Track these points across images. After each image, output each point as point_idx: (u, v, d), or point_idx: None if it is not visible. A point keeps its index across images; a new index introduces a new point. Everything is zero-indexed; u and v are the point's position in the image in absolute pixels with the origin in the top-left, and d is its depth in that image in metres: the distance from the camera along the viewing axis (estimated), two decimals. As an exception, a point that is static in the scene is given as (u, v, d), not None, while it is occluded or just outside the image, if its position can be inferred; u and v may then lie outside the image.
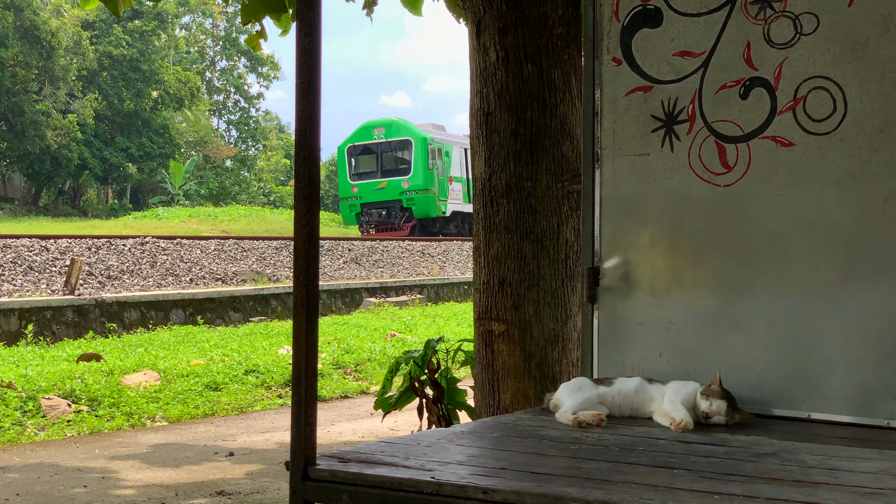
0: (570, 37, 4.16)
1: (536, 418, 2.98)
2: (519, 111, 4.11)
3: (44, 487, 6.17)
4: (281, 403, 9.63)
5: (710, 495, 2.01)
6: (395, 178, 33.97)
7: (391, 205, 33.91)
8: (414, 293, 20.78)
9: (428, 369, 5.02)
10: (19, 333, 13.18)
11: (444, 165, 34.67)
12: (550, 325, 4.04)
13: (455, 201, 35.23)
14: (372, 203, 34.13)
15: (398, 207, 33.79)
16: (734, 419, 2.85)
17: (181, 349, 12.28)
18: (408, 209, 33.75)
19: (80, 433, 8.08)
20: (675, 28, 3.20)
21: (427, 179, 33.73)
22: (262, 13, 6.06)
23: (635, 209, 3.27)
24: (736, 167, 3.10)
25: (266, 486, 6.18)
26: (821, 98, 2.98)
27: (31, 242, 17.15)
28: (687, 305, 3.17)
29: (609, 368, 3.27)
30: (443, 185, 34.49)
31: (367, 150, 34.81)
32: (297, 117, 2.33)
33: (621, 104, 3.29)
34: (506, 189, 4.11)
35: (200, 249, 19.95)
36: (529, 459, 2.40)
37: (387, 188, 34.02)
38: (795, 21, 3.01)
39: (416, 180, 33.70)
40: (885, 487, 2.09)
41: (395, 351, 11.97)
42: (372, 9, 7.05)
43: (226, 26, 62.09)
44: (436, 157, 34.22)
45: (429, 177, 33.76)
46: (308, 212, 2.31)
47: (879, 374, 2.89)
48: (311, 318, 2.32)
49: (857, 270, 2.93)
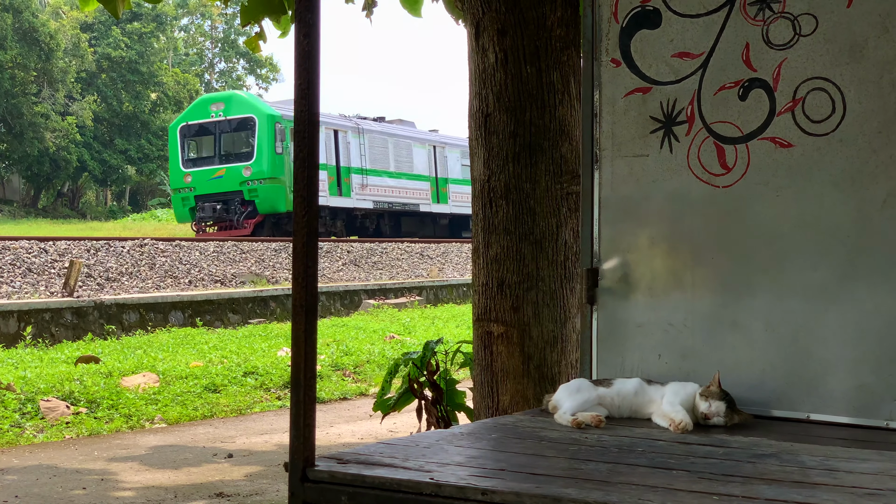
0: (568, 38, 4.16)
1: (535, 419, 2.98)
2: (518, 112, 4.11)
3: (42, 489, 6.16)
4: (280, 405, 9.62)
5: (710, 496, 2.01)
6: (235, 165, 27.81)
7: (230, 197, 27.74)
8: (413, 295, 20.77)
9: (427, 371, 5.02)
10: (18, 335, 13.17)
11: None
12: (549, 327, 4.04)
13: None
14: (208, 195, 27.92)
15: (238, 200, 27.63)
16: (733, 420, 2.85)
17: (180, 351, 12.27)
18: (250, 203, 27.62)
19: (79, 435, 8.07)
20: (674, 29, 3.20)
21: (274, 166, 27.59)
22: (262, 15, 6.06)
23: (634, 210, 3.27)
24: (735, 168, 3.10)
25: (265, 487, 6.18)
26: (820, 99, 2.98)
27: (30, 244, 17.14)
28: (686, 306, 3.17)
29: (608, 370, 3.27)
30: None
31: (204, 130, 28.58)
32: (296, 118, 2.34)
33: (620, 105, 3.29)
34: (504, 190, 4.11)
35: (199, 251, 19.95)
36: (528, 460, 2.40)
37: (225, 177, 27.80)
38: (794, 22, 3.02)
39: (260, 167, 27.50)
40: (884, 488, 2.09)
41: (394, 352, 11.96)
42: (371, 10, 7.05)
43: (224, 28, 62.13)
44: (291, 138, 27.05)
45: (277, 163, 27.64)
46: (307, 213, 2.31)
47: (878, 375, 2.89)
48: (310, 320, 2.32)
49: (856, 271, 2.93)
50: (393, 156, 32.44)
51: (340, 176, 29.90)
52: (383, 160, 31.95)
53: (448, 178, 34.82)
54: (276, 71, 64.44)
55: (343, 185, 30.03)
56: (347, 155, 30.24)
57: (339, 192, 29.78)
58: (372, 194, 31.33)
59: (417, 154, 33.86)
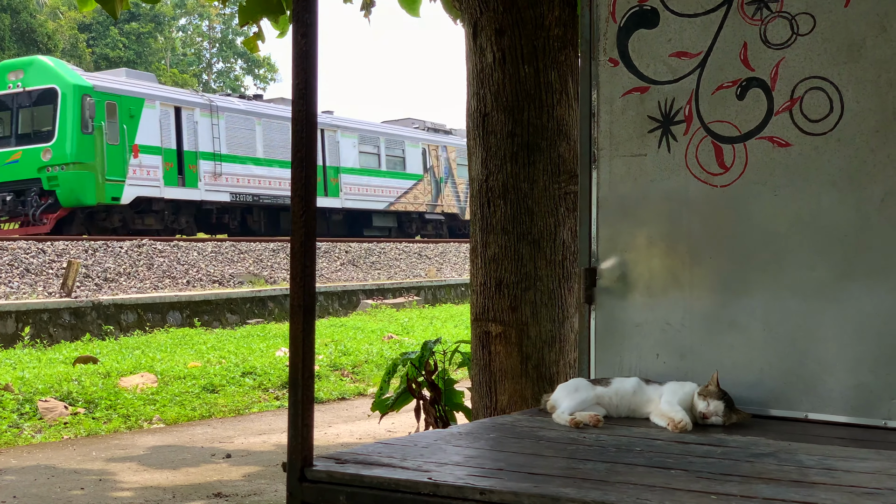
0: (566, 38, 4.16)
1: (534, 419, 2.98)
2: (516, 112, 4.11)
3: (41, 490, 6.16)
4: (278, 405, 9.62)
5: (708, 495, 2.01)
6: (33, 147, 22.54)
7: (26, 186, 22.41)
8: (411, 295, 20.77)
9: (425, 371, 5.02)
10: (16, 336, 13.17)
11: (122, 129, 23.14)
12: (547, 326, 4.04)
13: (144, 182, 23.67)
14: (0, 184, 22.80)
15: (35, 191, 22.34)
16: (731, 419, 2.85)
17: (178, 351, 12.27)
18: (50, 193, 22.30)
19: (77, 435, 8.07)
20: (672, 29, 3.20)
21: (81, 149, 22.27)
22: (260, 15, 6.06)
23: (632, 210, 3.27)
24: (733, 168, 3.10)
25: (263, 487, 6.18)
26: (817, 98, 2.98)
27: (28, 244, 17.13)
28: (684, 306, 3.17)
29: (606, 369, 3.27)
30: (115, 157, 22.93)
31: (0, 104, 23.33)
32: (294, 118, 2.33)
33: (618, 105, 3.29)
34: (502, 190, 4.11)
35: (197, 251, 19.94)
36: (527, 460, 2.40)
37: (21, 162, 22.65)
38: (792, 21, 3.02)
39: (62, 150, 22.21)
40: (883, 487, 2.09)
41: (393, 352, 11.97)
42: (370, 10, 7.05)
43: (222, 28, 62.10)
44: (107, 116, 22.92)
45: (85, 145, 22.34)
46: (305, 213, 2.31)
47: (876, 375, 2.89)
48: (308, 320, 2.32)
49: (854, 271, 2.93)
50: (263, 140, 27.47)
51: (184, 162, 24.77)
52: (248, 145, 27.03)
53: (340, 168, 29.73)
54: (274, 71, 64.45)
55: (187, 173, 24.94)
56: (194, 137, 25.14)
57: (182, 181, 24.72)
58: (229, 185, 26.22)
59: None
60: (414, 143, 33.38)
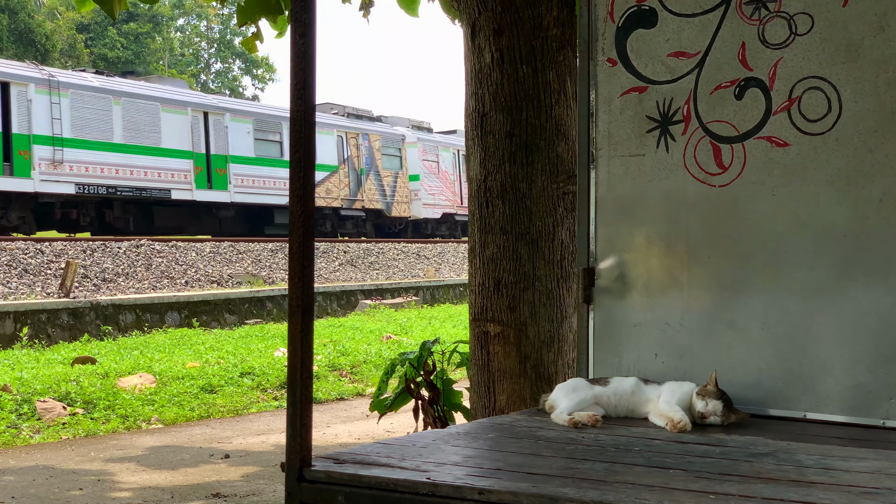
0: (564, 38, 4.16)
1: (532, 419, 2.98)
2: (514, 112, 4.11)
3: (39, 490, 6.15)
4: (276, 405, 9.62)
5: (707, 495, 2.01)
6: None
7: None
8: (409, 295, 20.78)
9: (424, 371, 5.02)
10: (14, 336, 13.16)
11: None
12: (546, 326, 4.04)
13: None
14: None
15: None
16: (730, 419, 2.85)
17: (176, 352, 12.26)
18: None
19: (76, 436, 8.06)
20: (670, 28, 3.20)
21: None
22: (258, 15, 6.06)
23: (630, 210, 3.27)
24: (731, 167, 3.10)
25: (262, 487, 6.17)
26: (816, 98, 2.98)
27: (26, 245, 17.13)
28: (682, 306, 3.17)
29: (605, 369, 3.27)
30: None
31: None
32: (292, 118, 2.33)
33: (616, 105, 3.29)
34: (501, 190, 4.11)
35: (196, 252, 19.94)
36: (525, 460, 2.40)
37: None
38: (790, 21, 3.02)
39: None
40: (881, 487, 2.09)
41: (391, 353, 11.97)
42: (369, 10, 7.05)
43: (220, 29, 62.07)
44: None
45: None
46: (303, 213, 2.31)
47: (875, 374, 2.89)
48: (306, 320, 2.32)
49: (852, 270, 2.93)
50: (122, 123, 23.77)
51: (11, 147, 21.45)
52: (101, 128, 23.37)
53: (228, 156, 26.24)
54: (272, 71, 64.42)
55: (16, 160, 21.54)
56: (26, 119, 21.67)
57: (9, 170, 21.43)
58: (75, 174, 22.68)
59: (172, 122, 24.95)
60: (327, 130, 29.35)
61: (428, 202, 33.35)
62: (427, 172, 33.44)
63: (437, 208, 33.96)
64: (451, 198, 34.40)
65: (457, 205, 34.33)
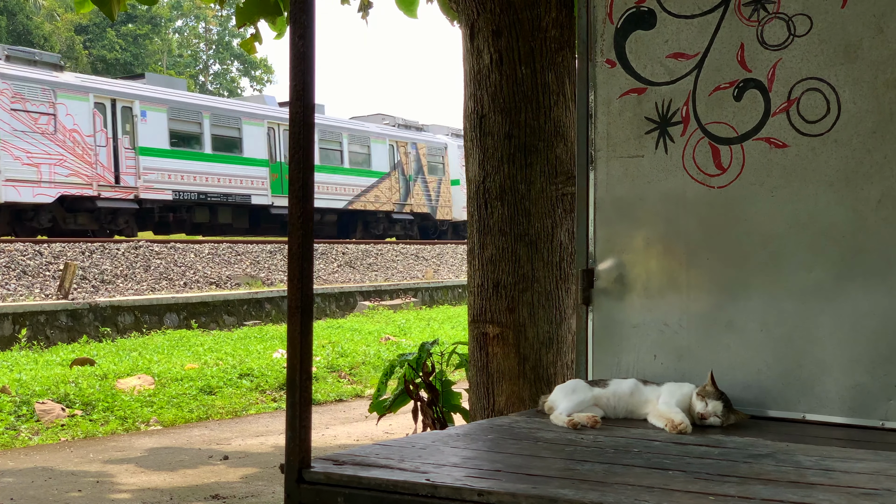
0: (563, 39, 4.16)
1: (531, 420, 2.98)
2: (513, 114, 4.11)
3: (38, 492, 6.15)
4: (275, 407, 9.61)
5: (706, 496, 2.01)
6: None
7: None
8: (408, 296, 20.77)
9: (422, 372, 5.02)
10: (13, 338, 13.16)
11: None
12: (545, 328, 4.04)
13: None
14: None
15: None
16: (729, 420, 2.85)
17: (175, 353, 12.25)
18: None
19: (75, 437, 8.06)
20: (669, 30, 3.20)
21: None
22: (257, 16, 6.06)
23: (629, 211, 3.28)
24: (730, 169, 3.10)
25: (261, 489, 6.17)
26: (814, 99, 2.98)
27: (25, 247, 17.12)
28: (681, 307, 3.17)
29: (604, 370, 3.27)
30: None
31: None
32: (291, 120, 2.33)
33: (615, 106, 3.30)
34: (500, 191, 4.11)
35: (194, 253, 19.93)
36: (524, 461, 2.40)
37: None
38: (789, 22, 3.02)
39: None
40: (880, 488, 2.09)
41: (390, 354, 11.96)
42: (367, 11, 7.05)
43: (219, 30, 62.06)
44: None
45: None
46: (302, 214, 2.31)
47: (873, 375, 2.89)
48: (305, 322, 2.32)
49: (850, 271, 2.94)
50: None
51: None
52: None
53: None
54: (270, 73, 64.40)
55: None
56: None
57: None
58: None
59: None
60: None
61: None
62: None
63: None
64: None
65: None
